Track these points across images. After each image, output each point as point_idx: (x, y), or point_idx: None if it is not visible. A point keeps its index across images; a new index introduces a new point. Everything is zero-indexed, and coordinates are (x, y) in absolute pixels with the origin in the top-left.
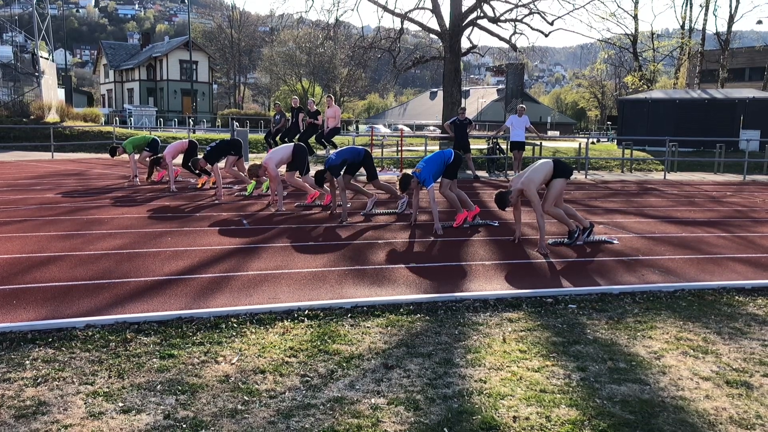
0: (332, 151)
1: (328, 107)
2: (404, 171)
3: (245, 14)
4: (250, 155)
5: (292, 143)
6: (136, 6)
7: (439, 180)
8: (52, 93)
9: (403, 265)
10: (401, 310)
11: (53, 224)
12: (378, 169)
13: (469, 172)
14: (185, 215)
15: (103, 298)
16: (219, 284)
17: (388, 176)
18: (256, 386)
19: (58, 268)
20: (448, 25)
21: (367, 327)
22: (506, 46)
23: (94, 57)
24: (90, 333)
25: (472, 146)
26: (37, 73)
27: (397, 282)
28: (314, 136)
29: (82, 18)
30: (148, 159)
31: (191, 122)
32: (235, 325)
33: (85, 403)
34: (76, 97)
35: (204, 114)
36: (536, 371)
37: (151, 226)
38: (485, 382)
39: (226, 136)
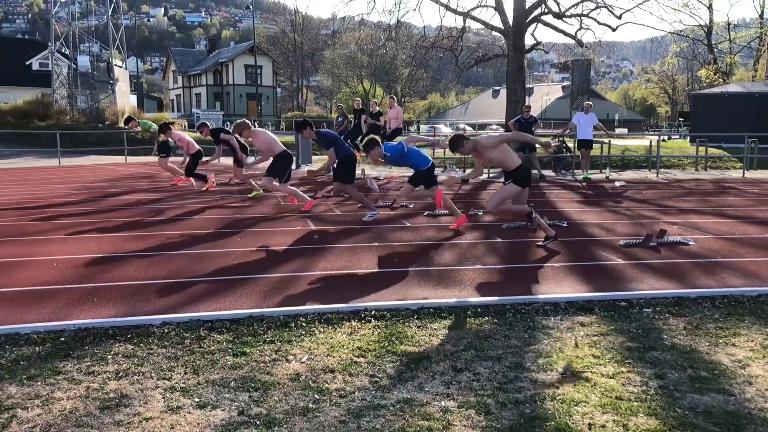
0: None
1: (391, 108)
2: (371, 136)
3: (308, 18)
4: (313, 157)
5: (284, 149)
6: (203, 13)
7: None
8: (125, 99)
9: (468, 267)
10: (468, 312)
11: (127, 225)
12: (440, 169)
13: (535, 171)
14: (251, 217)
15: (177, 297)
16: (287, 284)
17: (452, 175)
18: (327, 385)
19: (133, 268)
20: (511, 22)
21: (434, 329)
22: (572, 41)
23: (164, 64)
24: (166, 330)
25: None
26: (111, 81)
27: (462, 283)
28: (377, 136)
29: (152, 27)
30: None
31: (256, 125)
32: (304, 324)
33: (163, 398)
34: (147, 102)
35: (268, 117)
36: (611, 377)
37: (220, 226)
38: (558, 388)
39: (290, 139)
